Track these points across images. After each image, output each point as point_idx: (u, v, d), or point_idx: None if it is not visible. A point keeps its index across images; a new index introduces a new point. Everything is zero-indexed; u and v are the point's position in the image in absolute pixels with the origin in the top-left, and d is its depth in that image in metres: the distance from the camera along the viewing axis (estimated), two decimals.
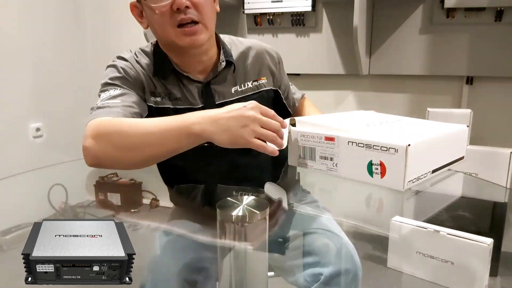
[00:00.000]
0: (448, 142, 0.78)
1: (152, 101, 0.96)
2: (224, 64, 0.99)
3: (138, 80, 0.95)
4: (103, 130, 0.80)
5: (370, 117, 0.88)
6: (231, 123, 0.74)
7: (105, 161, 0.80)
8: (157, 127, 0.78)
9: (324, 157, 0.76)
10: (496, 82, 2.00)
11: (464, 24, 1.96)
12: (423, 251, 0.78)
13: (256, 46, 1.07)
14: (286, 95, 1.16)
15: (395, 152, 0.65)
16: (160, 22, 0.89)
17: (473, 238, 0.72)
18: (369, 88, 2.22)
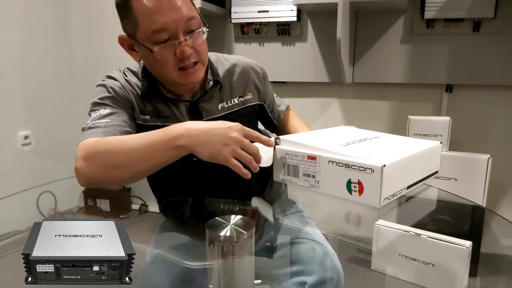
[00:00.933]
0: (422, 159, 0.83)
1: (141, 119, 0.99)
2: (212, 83, 1.02)
3: (127, 99, 0.97)
4: (92, 151, 0.82)
5: (351, 134, 0.93)
6: (214, 139, 0.77)
7: (96, 180, 0.83)
8: (141, 143, 0.80)
9: (307, 174, 0.80)
10: (474, 90, 2.06)
11: (443, 34, 2.02)
12: (405, 254, 0.83)
13: (241, 63, 1.10)
14: (271, 108, 1.19)
15: (371, 172, 0.70)
16: (161, 64, 0.91)
17: (453, 241, 0.77)
18: (352, 96, 2.27)
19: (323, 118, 2.33)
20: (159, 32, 0.87)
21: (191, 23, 0.89)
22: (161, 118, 0.99)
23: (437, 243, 0.80)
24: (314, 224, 1.09)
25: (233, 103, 1.07)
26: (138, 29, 0.88)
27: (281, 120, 1.25)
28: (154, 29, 0.86)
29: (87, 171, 0.82)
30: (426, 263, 0.81)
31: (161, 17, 0.85)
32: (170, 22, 0.86)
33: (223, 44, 2.36)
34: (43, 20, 2.45)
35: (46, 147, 2.52)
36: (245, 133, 0.80)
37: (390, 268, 0.87)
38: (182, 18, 0.87)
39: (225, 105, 1.05)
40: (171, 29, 0.87)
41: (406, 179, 0.77)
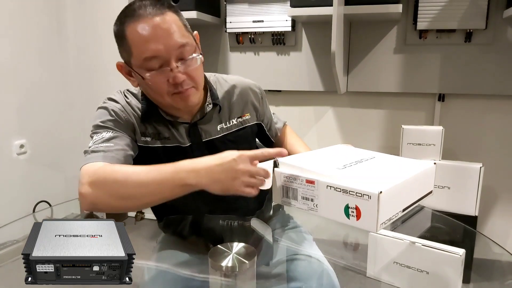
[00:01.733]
0: (417, 181, 0.84)
1: (142, 141, 1.00)
2: (211, 106, 1.03)
3: (129, 122, 0.98)
4: (99, 178, 0.83)
5: (347, 155, 0.95)
6: (223, 175, 0.79)
7: (101, 207, 0.84)
8: (151, 178, 0.81)
9: (305, 197, 0.82)
10: (466, 99, 2.08)
11: (436, 45, 2.04)
12: (400, 261, 0.84)
13: (240, 84, 1.11)
14: (269, 127, 1.21)
15: (368, 198, 0.72)
16: (154, 90, 0.92)
17: (446, 248, 0.79)
18: (347, 105, 2.28)
19: (317, 126, 2.34)
20: (150, 60, 0.88)
21: (184, 50, 0.90)
22: (162, 139, 1.01)
23: (431, 251, 0.81)
24: (311, 239, 1.11)
25: (232, 124, 1.08)
26: (132, 57, 0.89)
27: (278, 137, 1.26)
28: (146, 57, 0.87)
29: (93, 197, 0.83)
30: (420, 271, 0.82)
31: (152, 45, 0.86)
32: (161, 50, 0.87)
33: (218, 53, 2.37)
34: (37, 27, 2.43)
35: (42, 156, 2.51)
36: (251, 159, 0.82)
37: (385, 276, 0.88)
38: (174, 45, 0.88)
39: (224, 126, 1.06)
40: (162, 57, 0.88)
41: (402, 202, 0.79)
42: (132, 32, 0.87)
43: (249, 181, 0.80)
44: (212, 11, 2.22)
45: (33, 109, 2.44)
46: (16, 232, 1.21)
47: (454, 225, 1.17)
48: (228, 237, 0.99)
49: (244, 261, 0.61)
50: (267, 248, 1.04)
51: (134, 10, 0.87)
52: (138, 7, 0.87)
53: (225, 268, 0.60)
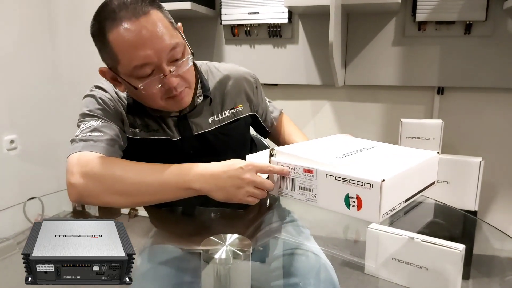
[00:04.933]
0: (420, 171, 0.81)
1: (131, 133, 0.95)
2: (202, 98, 0.99)
3: (117, 112, 0.94)
4: (94, 170, 0.79)
5: (347, 144, 0.91)
6: (227, 183, 0.78)
7: (92, 200, 0.80)
8: (153, 177, 0.79)
9: (303, 188, 0.78)
10: (466, 93, 2.06)
11: (435, 37, 2.02)
12: (398, 258, 0.82)
13: (233, 73, 1.06)
14: (264, 117, 1.17)
15: (370, 187, 0.68)
16: (147, 98, 0.87)
17: (446, 244, 0.76)
18: (344, 98, 2.25)
19: (314, 120, 2.32)
20: (141, 67, 0.80)
21: (175, 51, 0.83)
22: (150, 131, 0.97)
23: (430, 247, 0.79)
24: (309, 233, 1.07)
25: (224, 116, 1.04)
26: (119, 65, 0.82)
27: (275, 127, 1.23)
28: (136, 65, 0.80)
29: (84, 189, 0.79)
30: (419, 267, 0.80)
31: (141, 51, 0.78)
32: (152, 55, 0.79)
33: (213, 46, 2.33)
34: (28, 21, 2.40)
35: (33, 152, 2.47)
36: (257, 170, 0.80)
37: (384, 272, 0.85)
38: (164, 49, 0.81)
39: (216, 118, 1.03)
40: (154, 63, 0.81)
41: (404, 192, 0.76)
42: (117, 38, 0.79)
43: (253, 192, 0.80)
44: (207, 2, 2.18)
45: (24, 104, 2.40)
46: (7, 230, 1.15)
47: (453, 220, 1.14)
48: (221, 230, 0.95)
49: (239, 253, 0.57)
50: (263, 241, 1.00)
51: (114, 12, 0.79)
52: (117, 8, 0.79)
53: (218, 260, 0.56)
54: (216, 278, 0.58)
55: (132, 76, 0.83)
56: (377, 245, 0.88)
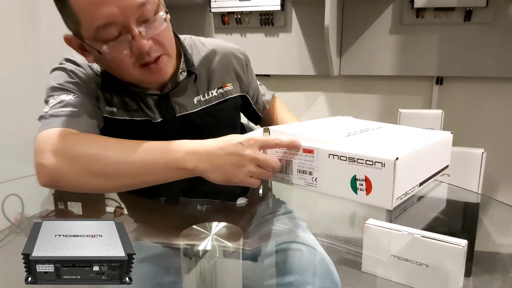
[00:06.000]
0: (434, 152, 0.72)
1: (107, 111, 0.85)
2: (185, 74, 0.89)
3: (91, 88, 0.83)
4: (68, 147, 0.69)
5: (349, 124, 0.82)
6: (226, 161, 0.68)
7: (66, 183, 0.70)
8: (139, 156, 0.69)
9: (302, 171, 0.68)
10: (466, 82, 2.01)
11: (433, 24, 1.96)
12: (397, 254, 0.75)
13: (221, 49, 0.97)
14: (255, 99, 1.08)
15: (382, 166, 0.58)
16: (116, 65, 0.76)
17: (448, 240, 0.70)
18: (339, 89, 2.20)
19: (309, 112, 2.25)
20: (105, 28, 0.70)
21: (144, 9, 0.72)
22: (129, 111, 0.86)
23: (431, 243, 0.72)
24: (305, 226, 0.98)
25: (211, 96, 0.94)
26: (81, 27, 0.72)
27: (267, 111, 1.14)
28: (98, 26, 0.70)
29: (56, 170, 0.68)
30: (419, 264, 0.73)
31: (104, 9, 0.68)
32: (116, 14, 0.69)
33: (202, 35, 2.23)
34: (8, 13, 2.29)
35: (12, 146, 2.37)
36: (261, 146, 0.70)
37: (382, 270, 0.79)
38: (131, 6, 0.70)
39: (202, 98, 0.93)
40: (119, 22, 0.70)
41: (418, 174, 0.66)
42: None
43: (256, 172, 0.69)
44: None
45: (3, 97, 2.29)
46: None
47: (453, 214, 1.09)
48: None
49: (227, 243, 0.47)
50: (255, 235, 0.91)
51: None
52: None
53: (201, 253, 0.45)
54: (199, 277, 0.48)
55: (97, 40, 0.72)
56: (375, 241, 0.80)
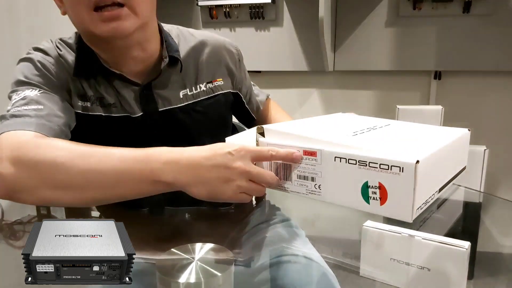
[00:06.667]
0: (453, 152, 0.63)
1: (80, 107, 0.77)
2: (167, 61, 0.81)
3: (62, 80, 0.76)
4: (28, 155, 0.61)
5: (353, 121, 0.73)
6: (212, 174, 0.59)
7: (25, 196, 0.61)
8: (111, 165, 0.60)
9: (303, 176, 0.59)
10: (465, 77, 1.96)
11: (431, 16, 1.90)
12: (397, 258, 0.69)
13: (211, 41, 0.90)
14: (248, 98, 1.00)
15: (400, 171, 0.49)
16: (72, 4, 0.69)
17: (450, 242, 0.64)
18: (334, 86, 2.13)
19: (302, 110, 2.19)
20: None
21: None
22: (105, 106, 0.78)
23: (432, 245, 0.66)
24: (304, 236, 0.89)
25: (199, 90, 0.86)
26: None
27: (261, 112, 1.06)
28: None
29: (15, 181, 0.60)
30: (420, 267, 0.68)
31: None
32: None
33: None
34: None
35: None
36: (253, 157, 0.60)
37: (381, 274, 0.74)
38: None
39: (189, 92, 0.85)
40: None
41: (438, 179, 0.57)
42: None
43: (247, 187, 0.60)
44: None
45: None
46: None
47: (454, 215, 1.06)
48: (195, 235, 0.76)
49: (215, 273, 0.37)
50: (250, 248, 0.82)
51: None
52: None
53: (182, 286, 0.36)
54: None
55: None
56: (373, 244, 0.73)
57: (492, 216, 1.09)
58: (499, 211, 1.10)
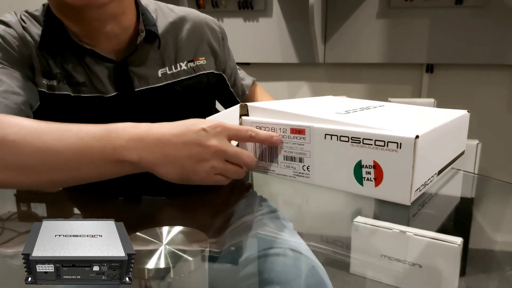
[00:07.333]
0: (453, 133, 0.59)
1: (45, 85, 0.71)
2: (144, 35, 0.75)
3: (24, 55, 0.70)
4: None
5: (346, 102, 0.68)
6: (183, 153, 0.52)
7: None
8: (68, 143, 0.54)
9: (290, 157, 0.54)
10: (457, 70, 1.94)
11: (423, 8, 1.88)
12: (388, 254, 0.68)
13: (192, 16, 0.84)
14: (233, 81, 0.95)
15: (397, 147, 0.44)
16: None
17: (442, 238, 0.64)
18: (324, 78, 2.10)
19: None
20: None
21: None
22: (74, 85, 0.72)
23: (424, 241, 0.66)
24: (291, 228, 0.85)
25: (180, 69, 0.81)
26: None
27: (246, 97, 1.01)
28: None
29: None
30: (412, 264, 0.68)
31: None
32: None
33: None
34: None
35: None
36: (230, 136, 0.55)
37: (372, 271, 0.73)
38: None
39: (168, 71, 0.79)
40: None
41: (438, 161, 0.53)
42: None
43: (223, 168, 0.54)
44: None
45: None
46: None
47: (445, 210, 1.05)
48: None
49: (186, 257, 0.32)
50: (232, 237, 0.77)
51: None
52: None
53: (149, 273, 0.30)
54: None
55: None
56: (363, 240, 0.75)
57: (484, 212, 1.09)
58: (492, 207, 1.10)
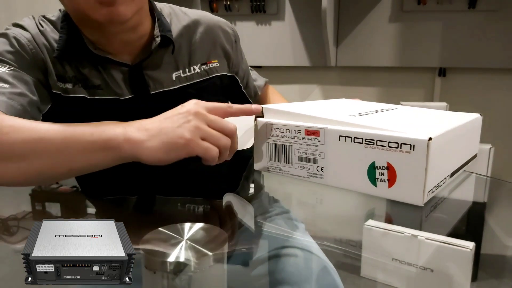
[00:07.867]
0: (465, 136, 0.60)
1: (60, 88, 0.72)
2: (159, 40, 0.76)
3: (38, 59, 0.71)
4: None
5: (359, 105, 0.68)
6: (164, 124, 0.54)
7: None
8: (55, 131, 0.55)
9: (304, 158, 0.55)
10: (470, 74, 1.92)
11: (436, 12, 1.87)
12: (400, 258, 0.66)
13: (206, 19, 0.86)
14: (246, 83, 0.96)
15: (410, 149, 0.45)
16: None
17: (454, 242, 0.62)
18: (336, 82, 2.10)
19: None
20: None
21: None
22: (89, 87, 0.73)
23: (436, 245, 0.64)
24: (303, 229, 0.85)
25: (193, 72, 0.82)
26: None
27: (258, 98, 1.02)
28: None
29: None
30: (423, 268, 0.65)
31: None
32: None
33: None
34: None
35: None
36: (208, 108, 0.56)
37: (383, 275, 0.70)
38: None
39: (182, 74, 0.81)
40: None
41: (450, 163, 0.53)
42: None
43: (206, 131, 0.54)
44: None
45: None
46: None
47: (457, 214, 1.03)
48: None
49: (206, 252, 0.33)
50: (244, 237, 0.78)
51: None
52: None
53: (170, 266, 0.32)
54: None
55: None
56: (375, 244, 0.72)
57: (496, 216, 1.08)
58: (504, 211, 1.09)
